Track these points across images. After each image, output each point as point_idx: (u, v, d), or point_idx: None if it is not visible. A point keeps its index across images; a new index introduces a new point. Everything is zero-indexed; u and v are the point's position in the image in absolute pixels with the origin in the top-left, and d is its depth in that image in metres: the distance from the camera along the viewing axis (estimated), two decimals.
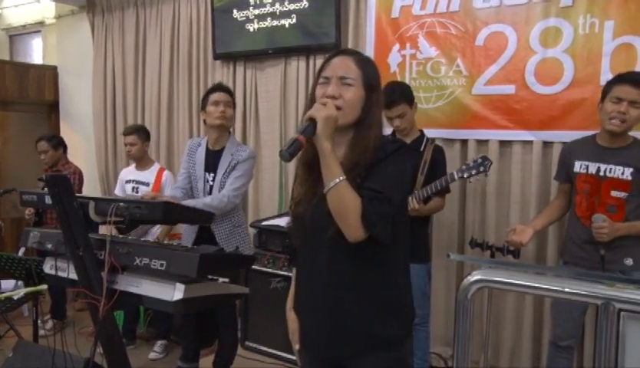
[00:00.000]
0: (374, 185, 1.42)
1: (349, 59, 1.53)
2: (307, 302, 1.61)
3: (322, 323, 1.54)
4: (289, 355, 3.43)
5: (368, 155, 1.46)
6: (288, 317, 1.70)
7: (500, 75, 3.15)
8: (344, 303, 1.50)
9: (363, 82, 1.50)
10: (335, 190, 1.40)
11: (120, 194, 3.90)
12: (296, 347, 1.66)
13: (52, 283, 2.10)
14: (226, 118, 2.90)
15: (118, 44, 5.14)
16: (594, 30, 2.88)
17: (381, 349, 1.51)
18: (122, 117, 5.17)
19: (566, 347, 2.57)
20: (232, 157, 2.89)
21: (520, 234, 2.52)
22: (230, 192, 2.83)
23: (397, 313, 1.54)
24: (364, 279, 1.50)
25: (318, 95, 1.52)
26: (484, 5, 3.19)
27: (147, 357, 3.68)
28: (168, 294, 1.69)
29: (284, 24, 3.94)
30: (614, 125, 2.32)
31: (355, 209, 1.38)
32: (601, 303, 0.88)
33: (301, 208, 1.56)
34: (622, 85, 2.31)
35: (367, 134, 1.49)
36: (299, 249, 1.64)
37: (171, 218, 1.93)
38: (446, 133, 3.35)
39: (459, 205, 3.37)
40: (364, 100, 1.50)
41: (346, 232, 1.41)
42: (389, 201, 1.42)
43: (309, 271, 1.59)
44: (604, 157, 2.41)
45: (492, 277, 1.01)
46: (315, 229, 1.52)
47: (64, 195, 1.75)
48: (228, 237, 2.92)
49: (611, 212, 2.37)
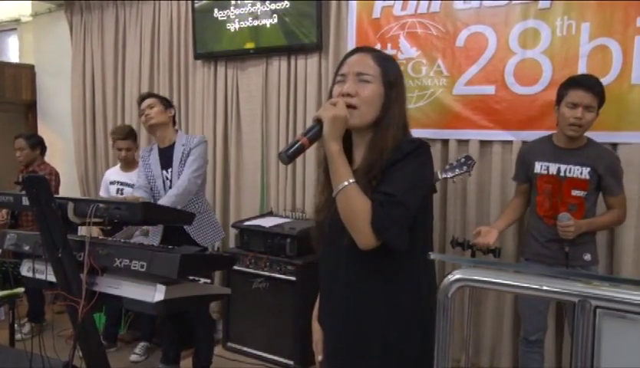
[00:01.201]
0: (387, 188, 1.33)
1: (367, 56, 1.44)
2: (328, 312, 1.55)
3: (342, 334, 1.47)
4: (271, 355, 3.43)
5: (385, 156, 1.37)
6: (313, 327, 1.63)
7: (480, 76, 3.19)
8: (363, 315, 1.43)
9: (382, 79, 1.41)
10: (343, 194, 1.33)
11: (105, 195, 3.86)
12: (319, 358, 1.60)
13: (30, 285, 2.07)
14: (153, 117, 3.03)
15: (97, 44, 5.07)
16: (571, 32, 2.93)
17: (401, 364, 1.43)
18: (101, 117, 5.10)
19: (536, 341, 2.65)
20: (184, 147, 3.02)
21: (486, 235, 2.59)
22: (189, 174, 2.95)
23: (417, 328, 1.42)
24: (380, 287, 1.41)
25: (335, 94, 1.43)
26: (464, 6, 3.22)
27: (128, 359, 3.64)
28: (149, 295, 1.68)
29: (265, 24, 3.93)
30: (572, 131, 2.41)
31: (364, 214, 1.30)
32: (577, 300, 0.89)
33: (322, 214, 1.50)
34: (577, 90, 2.39)
35: (385, 134, 1.39)
36: (320, 257, 1.58)
37: (151, 218, 1.91)
38: (427, 133, 3.37)
39: (440, 204, 3.39)
40: (383, 98, 1.41)
41: (356, 239, 1.34)
42: (403, 204, 1.32)
43: (330, 280, 1.52)
44: (563, 158, 2.50)
45: (472, 276, 1.02)
46: (334, 236, 1.45)
47: (41, 196, 1.72)
48: (195, 225, 2.96)
49: (572, 210, 2.46)
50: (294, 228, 3.41)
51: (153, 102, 3.09)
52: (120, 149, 3.79)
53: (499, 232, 2.64)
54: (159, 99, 3.15)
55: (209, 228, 3.06)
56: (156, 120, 3.04)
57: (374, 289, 1.42)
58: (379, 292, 1.41)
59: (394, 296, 1.41)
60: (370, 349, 1.43)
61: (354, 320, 1.44)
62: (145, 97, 3.15)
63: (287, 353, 3.36)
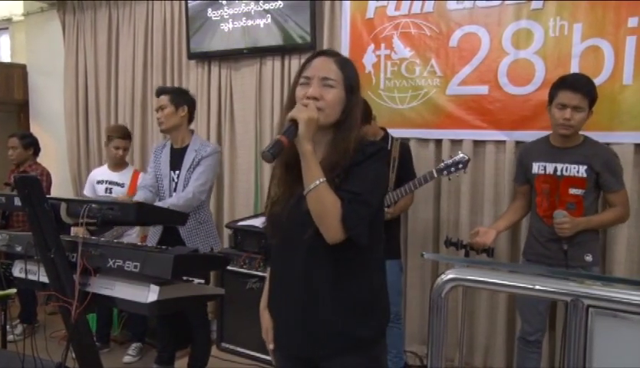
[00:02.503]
0: (353, 188, 1.43)
1: (330, 60, 1.52)
2: (282, 302, 1.61)
3: (297, 323, 1.54)
4: (265, 355, 3.41)
5: (348, 156, 1.47)
6: (262, 315, 1.70)
7: (474, 76, 3.20)
8: (320, 304, 1.50)
9: (344, 83, 1.50)
10: (315, 192, 1.40)
11: (90, 195, 3.82)
12: (270, 347, 1.67)
13: (22, 286, 2.06)
14: (163, 122, 2.93)
15: (90, 43, 5.05)
16: (563, 32, 2.94)
17: (355, 349, 1.52)
18: (94, 117, 5.08)
19: (534, 342, 2.64)
20: (196, 153, 2.91)
21: (484, 235, 2.59)
22: (195, 187, 2.85)
23: (372, 314, 1.55)
24: (339, 280, 1.50)
25: (299, 95, 1.51)
26: (458, 7, 3.23)
27: (121, 360, 3.62)
28: (142, 295, 1.67)
29: (259, 24, 3.92)
30: (563, 130, 2.43)
31: (335, 211, 1.39)
32: (570, 299, 0.90)
33: (278, 207, 1.56)
34: (565, 91, 2.40)
35: (347, 136, 1.49)
36: (274, 249, 1.63)
37: (144, 219, 1.90)
38: (420, 133, 3.39)
39: (433, 204, 3.40)
40: (344, 102, 1.50)
41: (325, 234, 1.42)
42: (367, 203, 1.44)
43: (285, 271, 1.58)
44: (559, 157, 2.50)
45: (465, 276, 1.02)
46: (292, 229, 1.52)
47: (34, 196, 1.71)
48: (192, 234, 2.93)
49: (571, 209, 2.45)
50: None
51: (164, 102, 2.93)
52: (118, 148, 3.75)
53: (497, 233, 2.64)
54: (171, 96, 2.96)
55: (207, 239, 2.98)
56: (166, 126, 2.94)
57: (332, 280, 1.50)
58: (336, 283, 1.50)
59: (348, 288, 1.51)
60: (327, 336, 1.51)
61: (310, 309, 1.51)
62: (158, 94, 3.01)
63: None
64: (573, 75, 2.62)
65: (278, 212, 1.55)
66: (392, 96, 3.45)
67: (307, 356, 1.56)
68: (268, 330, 1.66)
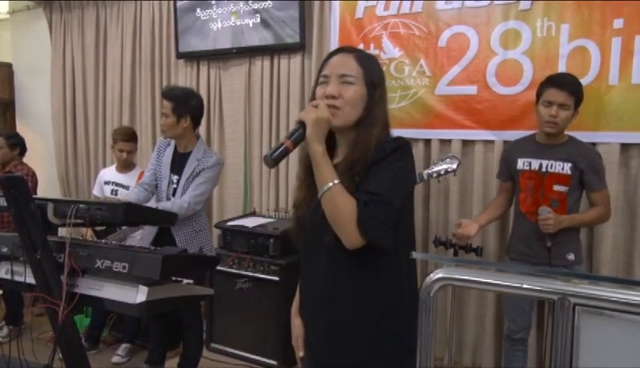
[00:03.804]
0: (371, 188, 1.35)
1: (349, 56, 1.45)
2: (308, 308, 1.56)
3: (322, 330, 1.48)
4: (255, 356, 3.42)
5: (368, 154, 1.38)
6: (293, 322, 1.63)
7: (462, 76, 3.21)
8: (344, 311, 1.44)
9: (364, 79, 1.43)
10: (329, 195, 1.34)
11: (99, 195, 3.81)
12: (300, 354, 1.60)
13: (8, 288, 2.04)
14: (165, 130, 2.87)
15: (78, 43, 5.01)
16: (551, 33, 2.96)
17: (386, 358, 1.44)
18: (82, 117, 5.04)
19: (520, 340, 2.68)
20: (198, 163, 2.85)
21: (467, 227, 2.61)
22: (192, 198, 2.80)
23: (401, 320, 1.44)
24: (364, 285, 1.42)
25: (319, 95, 1.44)
26: (446, 7, 3.24)
27: (110, 361, 3.59)
28: (131, 296, 1.66)
29: (247, 24, 3.91)
30: (549, 127, 2.47)
31: (350, 214, 1.32)
32: (557, 298, 0.91)
33: (301, 211, 1.51)
34: (551, 89, 2.46)
35: (369, 132, 1.41)
36: (301, 252, 1.58)
37: (132, 219, 1.88)
38: (409, 133, 3.38)
39: (422, 204, 3.41)
40: (366, 98, 1.43)
41: (343, 239, 1.35)
42: (388, 203, 1.34)
43: (310, 276, 1.53)
44: (545, 154, 2.54)
45: (454, 275, 1.02)
46: (314, 233, 1.46)
47: (19, 196, 1.69)
48: (188, 242, 2.89)
49: (555, 206, 2.49)
50: (277, 228, 3.41)
51: (166, 110, 2.82)
52: (122, 151, 3.72)
53: (479, 227, 2.67)
54: (174, 104, 2.81)
55: (203, 248, 2.97)
56: (168, 135, 2.89)
57: (356, 287, 1.42)
58: (361, 290, 1.42)
59: (376, 294, 1.42)
60: (352, 347, 1.44)
61: (336, 317, 1.45)
62: (164, 96, 2.89)
63: (270, 353, 3.35)
64: (560, 74, 2.67)
65: (301, 215, 1.50)
66: None
67: (333, 364, 1.48)
68: (299, 337, 1.59)
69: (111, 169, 3.93)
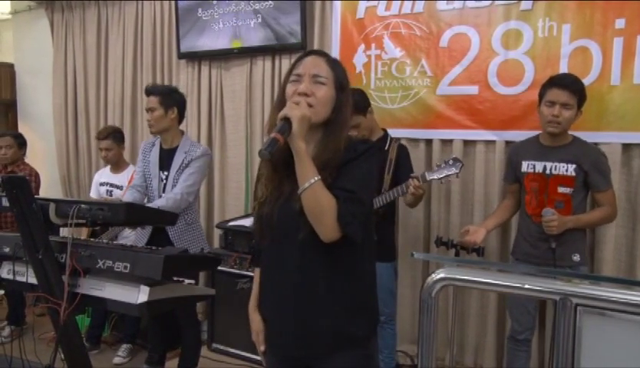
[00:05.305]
0: (347, 185, 1.43)
1: (321, 59, 1.54)
2: (274, 302, 1.60)
3: (290, 323, 1.54)
4: (256, 356, 3.41)
5: (339, 154, 1.47)
6: (252, 318, 1.70)
7: (464, 76, 3.21)
8: (314, 303, 1.50)
9: (334, 82, 1.52)
10: (311, 190, 1.40)
11: (95, 196, 3.82)
12: (261, 349, 1.66)
13: (10, 288, 2.04)
14: (152, 125, 2.91)
15: (79, 43, 5.01)
16: (552, 33, 2.96)
17: (347, 347, 1.52)
18: (84, 117, 5.04)
19: (523, 340, 2.67)
20: (186, 155, 2.90)
21: (474, 234, 2.61)
22: (183, 189, 2.85)
23: (364, 312, 1.56)
24: (333, 279, 1.50)
25: (289, 93, 1.51)
26: (447, 7, 3.24)
27: (111, 361, 3.60)
28: (132, 296, 1.66)
29: (249, 24, 3.92)
30: (552, 127, 2.46)
31: (331, 210, 1.40)
32: (559, 298, 0.91)
33: (267, 208, 1.55)
34: (553, 89, 2.45)
35: (338, 134, 1.50)
36: (265, 250, 1.62)
37: (134, 219, 1.89)
38: (411, 133, 3.39)
39: (424, 204, 3.40)
40: (334, 100, 1.52)
41: (321, 232, 1.42)
42: (361, 201, 1.44)
43: (277, 272, 1.57)
44: (548, 155, 2.53)
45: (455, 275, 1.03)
46: (283, 229, 1.51)
47: (22, 196, 1.70)
48: (181, 235, 2.93)
49: (560, 208, 2.48)
50: None
51: (153, 104, 2.89)
52: (102, 150, 3.78)
53: (487, 232, 2.66)
54: (160, 97, 2.91)
55: (196, 240, 2.98)
56: (156, 129, 2.92)
57: (325, 280, 1.50)
58: (330, 281, 1.50)
59: (341, 287, 1.52)
60: (320, 335, 1.52)
61: (304, 308, 1.51)
62: (147, 93, 2.96)
63: None
64: (562, 74, 2.66)
65: (267, 213, 1.55)
66: (382, 96, 3.46)
67: (300, 356, 1.56)
68: (259, 332, 1.66)
69: (106, 170, 3.94)
